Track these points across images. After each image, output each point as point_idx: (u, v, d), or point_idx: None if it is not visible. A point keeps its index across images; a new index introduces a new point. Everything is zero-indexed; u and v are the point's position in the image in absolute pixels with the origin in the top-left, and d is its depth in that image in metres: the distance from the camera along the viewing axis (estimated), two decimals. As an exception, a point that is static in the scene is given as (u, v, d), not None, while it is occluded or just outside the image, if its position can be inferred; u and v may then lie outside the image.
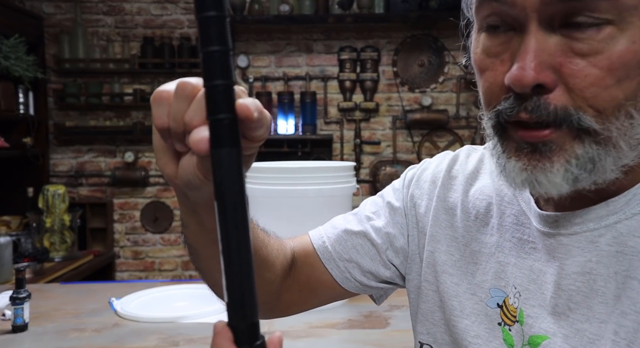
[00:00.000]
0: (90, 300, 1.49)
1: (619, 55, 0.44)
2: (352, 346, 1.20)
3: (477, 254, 0.62)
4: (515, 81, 0.46)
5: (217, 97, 0.33)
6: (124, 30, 3.34)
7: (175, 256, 3.42)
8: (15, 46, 2.82)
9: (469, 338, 0.59)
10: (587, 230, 0.52)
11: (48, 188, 2.69)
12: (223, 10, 0.33)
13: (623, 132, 0.46)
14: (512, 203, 0.61)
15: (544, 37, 0.46)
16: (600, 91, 0.45)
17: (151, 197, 3.40)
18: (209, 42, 0.33)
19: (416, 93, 3.37)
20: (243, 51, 3.34)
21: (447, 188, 0.68)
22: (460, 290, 0.62)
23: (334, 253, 0.71)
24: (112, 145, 3.38)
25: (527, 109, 0.47)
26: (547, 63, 0.45)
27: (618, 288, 0.49)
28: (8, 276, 2.21)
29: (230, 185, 0.33)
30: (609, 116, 0.46)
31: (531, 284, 0.56)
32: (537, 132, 0.47)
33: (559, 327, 0.52)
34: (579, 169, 0.47)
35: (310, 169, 1.29)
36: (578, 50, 0.45)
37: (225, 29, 0.34)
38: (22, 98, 3.01)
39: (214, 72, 0.33)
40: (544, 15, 0.45)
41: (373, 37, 3.35)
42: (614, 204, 0.51)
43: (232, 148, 0.33)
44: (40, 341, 1.20)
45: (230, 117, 0.33)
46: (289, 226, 1.28)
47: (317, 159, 3.24)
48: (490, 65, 0.50)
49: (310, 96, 3.26)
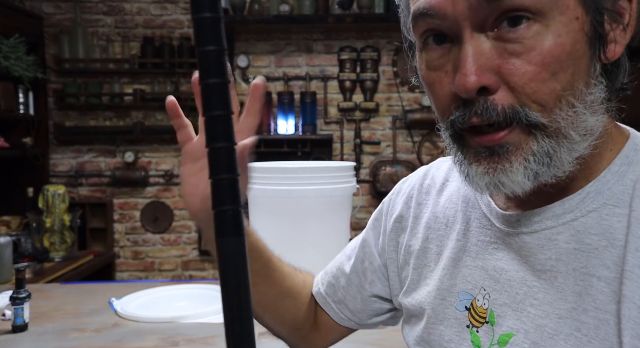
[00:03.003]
0: (90, 300, 1.49)
1: (548, 49, 0.47)
2: (352, 346, 1.20)
3: (447, 260, 0.64)
4: (460, 86, 0.48)
5: (223, 190, 0.35)
6: (124, 30, 3.34)
7: (175, 256, 3.42)
8: (15, 46, 2.82)
9: (444, 343, 0.61)
10: (546, 227, 0.54)
11: (48, 188, 2.69)
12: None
13: (570, 121, 0.49)
14: (475, 207, 0.63)
15: (478, 42, 0.48)
16: (540, 85, 0.47)
17: (151, 197, 3.40)
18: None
19: (416, 93, 3.37)
20: (243, 51, 3.34)
21: (421, 204, 0.71)
22: (431, 297, 0.64)
23: (327, 297, 0.79)
24: (112, 145, 3.38)
25: (477, 113, 0.49)
26: (486, 66, 0.48)
27: (577, 285, 0.51)
28: (8, 276, 2.21)
29: (234, 273, 0.34)
30: (552, 108, 0.48)
31: (497, 284, 0.57)
32: (491, 135, 0.49)
33: (521, 323, 0.54)
34: (537, 164, 0.49)
35: (310, 169, 1.29)
36: (512, 50, 0.47)
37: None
38: (22, 98, 3.01)
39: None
40: (475, 21, 0.48)
41: (373, 37, 3.35)
42: (570, 202, 0.53)
43: (236, 237, 0.34)
44: (40, 341, 1.20)
45: (234, 208, 0.35)
46: (289, 226, 1.28)
47: (317, 159, 3.24)
48: (436, 78, 0.52)
49: (310, 96, 3.26)
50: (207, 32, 0.34)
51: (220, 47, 0.35)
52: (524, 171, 0.49)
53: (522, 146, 0.49)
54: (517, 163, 0.49)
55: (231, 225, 0.34)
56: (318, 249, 1.28)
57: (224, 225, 0.34)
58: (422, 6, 0.50)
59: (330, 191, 1.27)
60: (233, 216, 0.34)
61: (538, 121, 0.48)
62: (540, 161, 0.49)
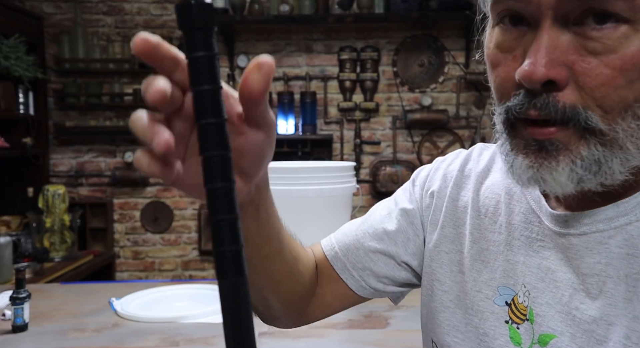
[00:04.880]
0: (90, 300, 1.49)
1: (632, 55, 0.44)
2: (352, 346, 1.20)
3: (485, 252, 0.62)
4: (526, 76, 0.45)
5: (222, 232, 0.34)
6: (124, 30, 3.34)
7: (175, 256, 3.42)
8: (15, 46, 2.82)
9: (479, 335, 0.59)
10: (597, 230, 0.52)
11: (48, 188, 2.69)
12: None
13: (630, 133, 0.46)
14: (520, 201, 0.60)
15: (557, 34, 0.46)
16: (610, 91, 0.45)
17: (151, 197, 3.40)
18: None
19: (416, 93, 3.37)
20: (243, 51, 3.34)
21: (460, 187, 0.67)
22: (467, 287, 0.62)
23: (347, 262, 0.71)
24: (112, 145, 3.38)
25: (536, 106, 0.47)
26: (559, 60, 0.45)
27: (629, 291, 0.49)
28: (8, 276, 2.21)
29: (236, 314, 0.34)
30: (615, 116, 0.46)
31: (540, 282, 0.56)
32: (544, 129, 0.47)
33: (567, 326, 0.52)
34: (583, 170, 0.47)
35: (310, 169, 1.29)
36: (591, 48, 0.45)
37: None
38: (22, 98, 3.01)
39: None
40: (559, 12, 0.45)
41: (373, 37, 3.35)
42: (624, 206, 0.51)
43: (237, 278, 0.34)
44: (40, 341, 1.20)
45: (236, 248, 0.34)
46: (289, 226, 1.28)
47: (317, 159, 3.24)
48: (502, 60, 0.50)
49: (310, 96, 3.26)
50: (202, 72, 0.34)
51: (216, 86, 0.34)
52: (569, 173, 0.47)
53: (571, 147, 0.47)
54: (564, 164, 0.47)
55: (231, 266, 0.34)
56: (318, 249, 1.28)
57: (224, 267, 0.34)
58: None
59: (330, 191, 1.27)
60: (233, 256, 0.34)
61: (596, 127, 0.46)
62: (588, 167, 0.47)
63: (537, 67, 0.45)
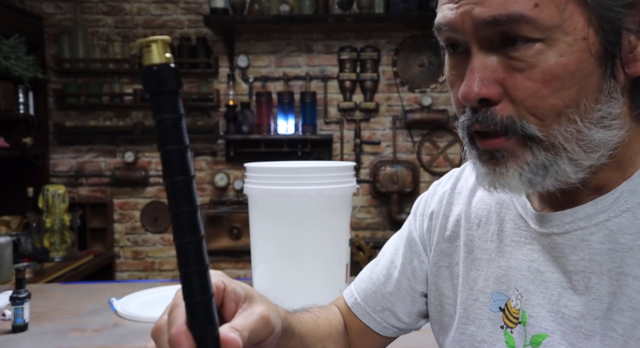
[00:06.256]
0: (90, 300, 1.49)
1: (549, 68, 0.49)
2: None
3: (479, 261, 0.65)
4: (463, 97, 0.52)
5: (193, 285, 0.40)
6: (124, 30, 3.34)
7: (175, 256, 3.41)
8: (15, 46, 2.82)
9: (476, 343, 0.62)
10: (578, 228, 0.55)
11: (48, 188, 2.69)
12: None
13: (569, 136, 0.51)
14: (509, 208, 0.64)
15: (485, 56, 0.51)
16: (538, 101, 0.50)
17: (151, 197, 3.40)
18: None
19: (416, 93, 3.37)
20: (243, 51, 3.34)
21: (452, 204, 0.72)
22: (463, 296, 0.65)
23: (367, 307, 0.76)
24: (112, 145, 3.38)
25: (479, 120, 0.53)
26: (490, 79, 0.51)
27: (612, 285, 0.52)
28: (8, 276, 2.21)
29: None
30: (551, 123, 0.50)
31: (531, 284, 0.58)
32: (491, 140, 0.53)
33: (557, 325, 0.54)
34: (531, 174, 0.52)
35: (310, 169, 1.29)
36: (515, 66, 0.50)
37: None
38: (22, 98, 3.01)
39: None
40: (481, 38, 0.51)
41: (373, 37, 3.35)
42: (602, 203, 0.54)
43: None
44: (40, 341, 1.20)
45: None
46: (289, 226, 1.28)
47: (317, 159, 3.24)
48: (454, 81, 0.56)
49: (310, 96, 3.26)
50: (169, 133, 0.36)
51: (182, 146, 0.37)
52: (519, 178, 0.52)
53: (517, 154, 0.52)
54: (512, 169, 0.52)
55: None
56: (318, 249, 1.28)
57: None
58: (440, 20, 0.54)
59: (330, 191, 1.27)
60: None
61: (533, 134, 0.51)
62: (535, 171, 0.52)
63: (471, 88, 0.51)
